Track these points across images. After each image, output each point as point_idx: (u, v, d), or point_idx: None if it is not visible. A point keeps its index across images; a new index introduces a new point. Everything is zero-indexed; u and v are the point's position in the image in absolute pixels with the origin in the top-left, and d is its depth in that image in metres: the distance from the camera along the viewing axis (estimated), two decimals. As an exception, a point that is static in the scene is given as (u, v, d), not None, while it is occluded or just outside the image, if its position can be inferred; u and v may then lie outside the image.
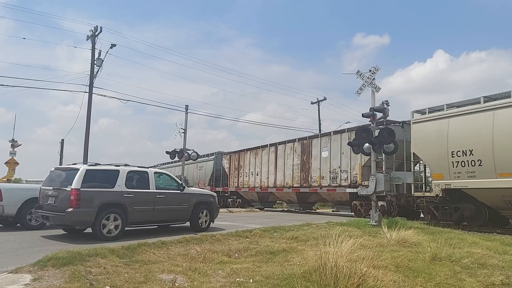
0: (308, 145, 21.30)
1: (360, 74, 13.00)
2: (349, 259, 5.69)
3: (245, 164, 26.16)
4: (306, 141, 21.69)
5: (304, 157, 21.42)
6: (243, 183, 26.01)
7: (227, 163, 28.34)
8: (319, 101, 39.34)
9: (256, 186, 24.75)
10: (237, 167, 26.96)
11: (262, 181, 24.26)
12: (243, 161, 26.48)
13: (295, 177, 21.84)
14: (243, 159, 26.60)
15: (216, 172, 29.84)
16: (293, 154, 22.23)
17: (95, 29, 25.22)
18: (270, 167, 23.78)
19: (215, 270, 6.30)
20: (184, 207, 10.59)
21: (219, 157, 30.32)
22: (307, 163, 21.12)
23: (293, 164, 22.09)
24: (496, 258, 7.56)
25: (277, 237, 9.46)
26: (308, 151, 21.23)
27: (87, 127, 24.77)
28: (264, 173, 24.19)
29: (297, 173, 21.72)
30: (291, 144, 22.64)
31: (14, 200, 10.64)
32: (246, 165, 26.03)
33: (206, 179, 30.91)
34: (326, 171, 19.79)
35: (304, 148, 21.56)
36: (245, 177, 25.97)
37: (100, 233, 8.77)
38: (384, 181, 12.04)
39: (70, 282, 5.08)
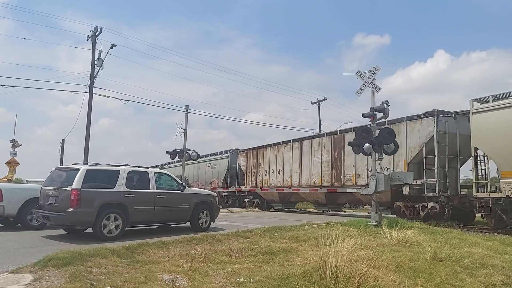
0: (340, 140, 19.37)
1: (360, 74, 13.00)
2: (350, 259, 5.69)
3: (265, 162, 24.44)
4: (337, 136, 19.84)
5: (335, 153, 19.53)
6: (262, 182, 24.38)
7: (244, 161, 26.67)
8: (319, 101, 39.34)
9: (277, 186, 23.10)
10: (255, 165, 25.23)
11: (285, 180, 22.57)
12: (262, 159, 24.71)
13: (324, 176, 20.07)
14: (262, 156, 24.83)
15: (231, 170, 28.35)
16: (321, 150, 20.48)
17: (95, 29, 25.24)
18: (294, 164, 22.07)
19: (215, 270, 6.30)
20: (184, 207, 10.59)
21: (234, 155, 28.75)
22: (339, 160, 19.28)
23: (321, 161, 20.32)
24: (497, 258, 7.56)
25: (277, 237, 9.46)
26: (340, 147, 19.33)
27: (87, 127, 24.81)
28: (287, 171, 22.52)
29: (327, 171, 19.88)
30: (318, 139, 21.00)
31: (14, 200, 10.63)
32: (266, 163, 24.30)
33: (219, 178, 29.35)
34: (363, 169, 17.78)
35: (335, 143, 19.68)
36: (265, 175, 24.29)
37: (101, 233, 8.77)
38: (385, 181, 12.03)
39: (71, 282, 5.08)
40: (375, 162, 12.52)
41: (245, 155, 26.70)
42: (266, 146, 24.79)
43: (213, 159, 30.70)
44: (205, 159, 30.94)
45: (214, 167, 30.26)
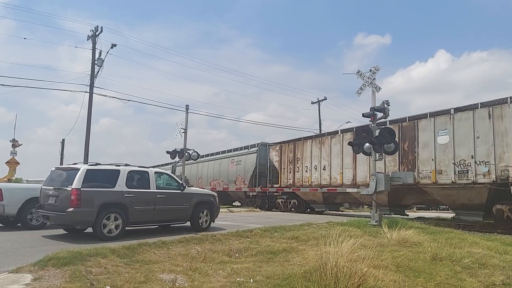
0: (412, 129, 16.21)
1: (361, 74, 13.00)
2: (350, 259, 5.69)
3: (305, 156, 21.16)
4: (407, 124, 16.59)
5: (404, 145, 16.39)
6: (302, 180, 21.18)
7: (277, 156, 23.56)
8: (319, 101, 39.35)
9: (322, 184, 19.96)
10: (292, 160, 22.04)
11: (333, 177, 19.32)
12: (301, 153, 21.45)
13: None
14: (301, 150, 21.59)
15: (260, 167, 24.95)
16: (384, 141, 17.73)
17: (96, 29, 25.25)
18: (345, 159, 18.64)
19: (215, 270, 6.30)
20: (184, 207, 10.59)
21: (263, 149, 25.52)
22: (411, 153, 16.13)
23: (385, 154, 17.58)
24: (497, 258, 7.56)
25: (277, 237, 9.46)
26: (411, 137, 16.19)
27: (87, 127, 24.81)
28: (335, 167, 19.21)
29: (393, 166, 16.71)
30: (381, 127, 17.89)
31: (15, 199, 10.63)
32: (306, 158, 21.02)
33: (246, 176, 25.91)
34: (447, 163, 14.76)
35: (404, 132, 16.52)
36: (305, 172, 21.01)
37: (101, 233, 8.77)
38: (385, 181, 12.03)
39: (71, 282, 5.08)
40: (375, 162, 12.52)
41: (278, 149, 23.67)
42: (306, 138, 21.82)
43: (238, 154, 27.45)
44: (227, 154, 28.84)
45: (239, 164, 26.87)
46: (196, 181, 31.30)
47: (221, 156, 28.69)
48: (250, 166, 25.51)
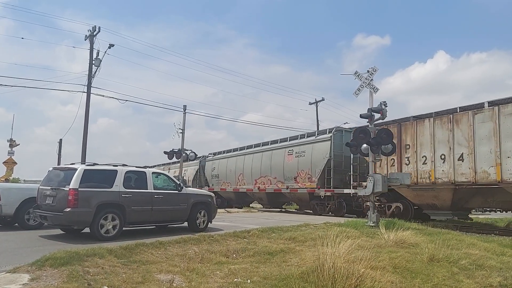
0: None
1: (358, 75, 13.02)
2: (347, 260, 5.71)
3: (420, 143, 15.27)
4: None
5: None
6: (416, 176, 15.17)
7: None
8: (317, 101, 39.36)
9: (457, 181, 14.02)
10: (398, 150, 15.25)
11: (480, 170, 13.37)
12: (413, 137, 15.49)
13: None
14: (411, 133, 15.55)
15: (335, 158, 19.05)
16: None
17: (93, 29, 25.18)
18: (506, 143, 12.82)
19: (213, 270, 6.30)
20: (182, 207, 10.58)
21: (339, 136, 19.46)
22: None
23: None
24: (494, 259, 7.58)
25: (275, 238, 9.46)
26: None
27: (85, 127, 24.74)
28: (484, 156, 13.33)
29: None
30: None
31: (12, 199, 10.60)
32: (423, 144, 15.14)
33: (313, 171, 19.72)
34: None
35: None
36: (422, 164, 15.12)
37: (98, 233, 8.75)
38: (382, 182, 12.06)
39: (68, 282, 5.08)
40: (373, 162, 12.55)
41: None
42: (421, 118, 15.65)
43: (301, 143, 21.14)
44: (283, 144, 22.61)
45: (302, 155, 20.66)
46: (235, 178, 26.02)
47: (272, 147, 22.78)
48: (320, 158, 19.41)
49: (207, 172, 29.83)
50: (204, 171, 30.35)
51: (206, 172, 29.95)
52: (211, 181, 29.07)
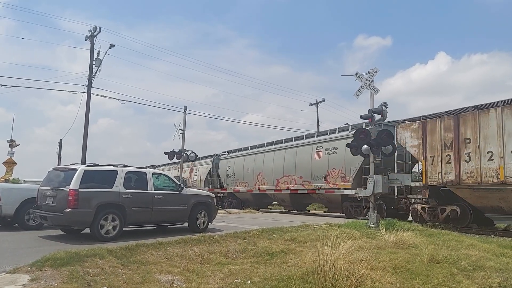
0: None
1: (359, 76, 13.03)
2: (347, 261, 5.71)
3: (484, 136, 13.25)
4: None
5: None
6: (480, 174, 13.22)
7: (415, 138, 15.31)
8: (317, 102, 39.38)
9: None
10: (454, 143, 13.91)
11: None
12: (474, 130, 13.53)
13: None
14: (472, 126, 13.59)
15: None
16: None
17: (94, 30, 25.20)
18: None
19: (213, 271, 6.31)
20: (182, 208, 10.58)
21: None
22: None
23: None
24: (494, 260, 7.59)
25: (275, 239, 9.46)
26: None
27: (85, 127, 24.76)
28: None
29: None
30: None
31: (12, 200, 10.60)
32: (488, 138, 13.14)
33: (348, 170, 18.01)
34: None
35: None
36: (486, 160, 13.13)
37: (98, 234, 8.75)
38: (382, 183, 12.06)
39: (68, 283, 5.08)
40: (373, 163, 12.55)
41: (419, 128, 15.32)
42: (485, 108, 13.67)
43: (331, 138, 19.29)
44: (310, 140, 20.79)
45: (333, 152, 18.82)
46: (253, 178, 24.17)
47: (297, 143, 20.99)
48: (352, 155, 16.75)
49: (221, 171, 27.89)
50: (218, 170, 28.45)
51: (220, 172, 28.00)
52: (226, 181, 27.23)
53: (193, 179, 31.38)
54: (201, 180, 29.84)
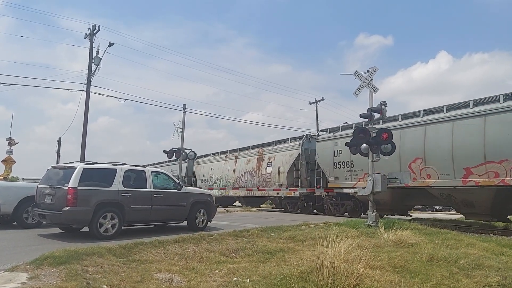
0: None
1: (358, 74, 13.01)
2: (346, 260, 5.71)
3: None
4: None
5: None
6: None
7: None
8: (316, 101, 39.30)
9: None
10: None
11: None
12: None
13: None
14: None
15: None
16: None
17: (93, 28, 25.10)
18: None
19: (212, 269, 6.30)
20: (181, 206, 10.57)
21: None
22: None
23: None
24: (493, 259, 7.59)
25: (274, 237, 9.46)
26: None
27: (84, 125, 24.69)
28: None
29: None
30: None
31: (10, 198, 10.59)
32: None
33: None
34: None
35: None
36: None
37: (97, 232, 8.74)
38: (381, 182, 12.05)
39: (67, 281, 5.06)
40: (372, 162, 12.54)
41: None
42: None
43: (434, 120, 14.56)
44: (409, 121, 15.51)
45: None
46: None
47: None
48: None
49: (324, 158, 19.56)
50: (311, 157, 20.54)
51: (322, 159, 19.70)
52: (334, 173, 18.79)
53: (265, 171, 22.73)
54: (280, 173, 21.57)
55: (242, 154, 25.81)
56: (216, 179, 27.96)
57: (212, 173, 28.68)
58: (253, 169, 23.88)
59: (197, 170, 31.19)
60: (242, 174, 24.86)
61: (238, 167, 25.45)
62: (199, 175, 30.62)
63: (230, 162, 26.55)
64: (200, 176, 30.36)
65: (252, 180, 23.83)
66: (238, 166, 25.63)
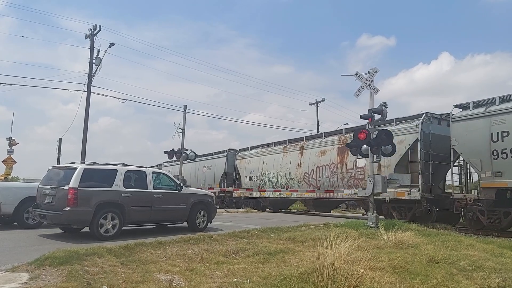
0: None
1: (359, 75, 13.01)
2: (346, 261, 5.70)
3: None
4: None
5: None
6: None
7: None
8: (317, 102, 39.37)
9: None
10: None
11: None
12: None
13: None
14: None
15: None
16: None
17: (94, 28, 25.16)
18: None
19: (212, 270, 6.30)
20: (181, 207, 10.58)
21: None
22: None
23: None
24: (493, 260, 7.59)
25: (274, 238, 9.46)
26: None
27: (85, 126, 24.73)
28: None
29: None
30: None
31: (11, 198, 10.60)
32: None
33: None
34: None
35: None
36: None
37: (98, 233, 8.75)
38: (382, 183, 12.04)
39: (67, 281, 5.07)
40: (372, 163, 12.54)
41: None
42: None
43: None
44: None
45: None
46: None
47: None
48: None
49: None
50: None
51: None
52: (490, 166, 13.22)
53: (354, 165, 17.62)
54: (384, 168, 15.90)
55: (310, 144, 20.61)
56: (271, 176, 22.95)
57: (264, 168, 23.54)
58: (333, 162, 18.81)
59: (241, 165, 25.99)
60: (314, 169, 19.80)
61: (306, 160, 20.48)
62: (245, 171, 25.45)
63: (293, 154, 21.47)
64: (246, 173, 25.23)
65: (331, 177, 18.80)
66: (306, 159, 20.43)
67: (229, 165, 27.00)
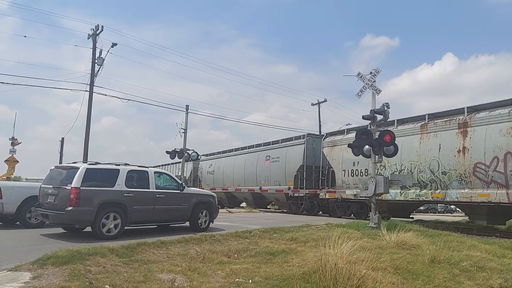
0: None
1: (361, 76, 13.00)
2: (349, 261, 5.71)
3: None
4: None
5: None
6: None
7: None
8: (319, 102, 39.35)
9: None
10: None
11: None
12: None
13: None
14: None
15: None
16: None
17: (96, 28, 25.19)
18: None
19: (214, 270, 6.31)
20: (183, 207, 10.59)
21: None
22: None
23: None
24: (495, 261, 7.58)
25: (276, 238, 9.46)
26: None
27: (87, 126, 24.76)
28: None
29: None
30: None
31: (13, 198, 10.61)
32: None
33: None
34: None
35: None
36: None
37: (100, 232, 8.77)
38: (384, 184, 12.03)
39: (70, 281, 5.08)
40: (374, 164, 12.53)
41: None
42: None
43: None
44: None
45: None
46: None
47: None
48: None
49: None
50: None
51: None
52: None
53: None
54: None
55: (483, 118, 13.45)
56: (401, 169, 15.99)
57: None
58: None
59: (333, 155, 19.56)
60: (499, 157, 12.77)
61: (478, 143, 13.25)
62: (341, 163, 18.83)
63: (444, 135, 14.67)
64: (346, 165, 18.49)
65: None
66: (477, 141, 13.19)
67: (308, 155, 20.93)
